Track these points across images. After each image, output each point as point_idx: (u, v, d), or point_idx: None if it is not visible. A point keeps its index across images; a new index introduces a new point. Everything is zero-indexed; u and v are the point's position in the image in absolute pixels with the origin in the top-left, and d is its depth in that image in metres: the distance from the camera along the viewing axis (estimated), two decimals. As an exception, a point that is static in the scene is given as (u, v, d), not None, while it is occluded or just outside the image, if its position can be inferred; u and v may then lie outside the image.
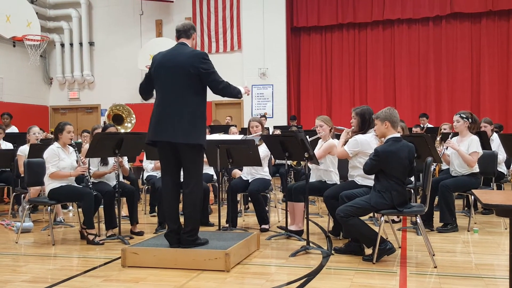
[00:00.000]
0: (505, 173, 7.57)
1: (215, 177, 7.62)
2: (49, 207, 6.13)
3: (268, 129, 9.61)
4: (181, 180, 4.90)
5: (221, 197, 7.63)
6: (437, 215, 6.33)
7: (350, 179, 5.58)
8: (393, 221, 6.50)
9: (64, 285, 4.23)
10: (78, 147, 6.21)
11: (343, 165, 5.91)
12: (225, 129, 9.67)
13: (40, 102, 16.25)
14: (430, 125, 12.30)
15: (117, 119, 11.11)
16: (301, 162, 6.70)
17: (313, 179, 5.99)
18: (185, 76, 4.65)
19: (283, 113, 14.98)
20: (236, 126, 10.26)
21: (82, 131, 9.56)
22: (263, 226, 6.37)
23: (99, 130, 7.03)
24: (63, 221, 7.12)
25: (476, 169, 6.22)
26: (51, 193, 5.82)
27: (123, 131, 10.41)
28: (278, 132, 9.04)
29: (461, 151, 6.15)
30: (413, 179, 6.40)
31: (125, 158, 6.69)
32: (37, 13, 12.96)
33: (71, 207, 8.32)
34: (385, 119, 4.84)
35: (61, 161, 5.86)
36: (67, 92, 16.55)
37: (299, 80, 15.71)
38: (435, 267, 4.52)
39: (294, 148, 5.28)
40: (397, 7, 14.57)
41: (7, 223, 7.06)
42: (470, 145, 6.17)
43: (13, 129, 10.69)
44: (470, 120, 6.34)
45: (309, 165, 5.81)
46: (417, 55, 14.80)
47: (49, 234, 6.03)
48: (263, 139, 6.10)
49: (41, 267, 4.84)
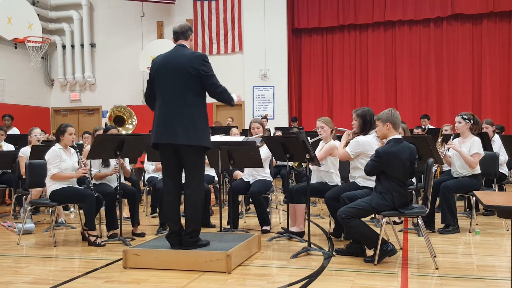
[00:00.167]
0: (507, 174, 7.57)
1: (216, 178, 7.62)
2: (51, 209, 6.13)
3: (269, 130, 9.60)
4: (183, 181, 4.90)
5: (222, 198, 7.63)
6: (438, 216, 6.33)
7: (351, 180, 5.58)
8: (395, 223, 6.49)
9: (65, 286, 4.24)
10: (79, 148, 6.22)
11: (344, 167, 5.90)
12: (226, 130, 9.67)
13: (41, 103, 16.26)
14: (431, 126, 12.29)
15: (119, 120, 11.11)
16: (302, 163, 6.70)
17: (314, 180, 5.98)
18: (185, 77, 4.66)
19: (284, 115, 14.97)
20: (237, 127, 10.28)
21: (83, 133, 9.59)
22: (264, 227, 6.37)
23: (101, 131, 7.03)
24: (64, 222, 7.13)
25: (477, 170, 6.21)
26: (52, 194, 5.83)
27: (124, 132, 10.42)
28: (279, 133, 9.03)
29: (462, 153, 6.14)
30: (414, 180, 6.39)
31: (127, 159, 6.70)
32: (38, 15, 13.01)
33: (72, 209, 8.32)
34: (386, 120, 4.84)
35: (63, 163, 5.87)
36: (69, 93, 16.56)
37: (300, 81, 15.70)
38: (437, 269, 4.52)
39: (295, 149, 5.28)
40: (398, 9, 14.55)
41: (8, 225, 7.06)
42: (471, 146, 6.17)
43: (14, 130, 10.70)
44: (471, 121, 6.34)
45: (310, 166, 5.81)
46: (418, 57, 14.78)
47: (51, 235, 6.03)
48: (264, 140, 6.09)
49: (43, 269, 4.84)
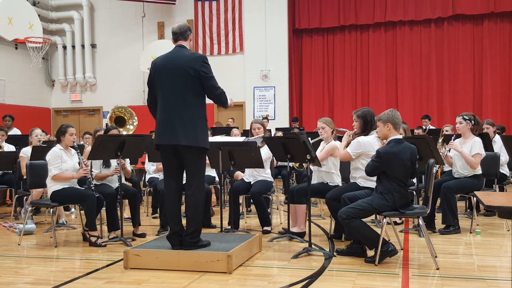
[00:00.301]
0: (508, 175, 7.56)
1: (217, 179, 7.62)
2: (52, 209, 6.14)
3: (270, 131, 9.61)
4: (183, 182, 4.91)
5: (223, 199, 7.65)
6: (439, 216, 6.33)
7: (352, 181, 5.58)
8: (395, 223, 6.49)
9: (66, 287, 4.24)
10: (80, 149, 6.22)
11: (345, 167, 5.90)
12: (227, 131, 9.67)
13: (42, 104, 16.27)
14: (432, 127, 12.28)
15: (119, 121, 11.11)
16: (303, 164, 6.70)
17: (315, 181, 5.98)
18: (185, 78, 4.66)
19: (285, 115, 14.97)
20: (238, 128, 10.28)
21: (84, 133, 9.59)
22: (265, 228, 6.36)
23: (101, 132, 7.04)
24: (65, 223, 7.13)
25: (478, 170, 6.21)
26: (53, 195, 5.83)
27: (125, 133, 10.43)
28: (280, 134, 9.03)
29: (463, 153, 6.14)
30: (415, 180, 6.39)
31: (127, 160, 6.70)
32: (39, 16, 13.00)
33: (73, 209, 8.33)
34: (387, 121, 4.84)
35: (64, 163, 5.87)
36: (69, 94, 16.57)
37: (301, 82, 15.70)
38: (437, 269, 4.52)
39: (296, 150, 5.28)
40: (399, 9, 14.55)
41: (9, 225, 7.07)
42: (472, 146, 6.17)
43: (15, 131, 10.70)
44: (472, 122, 6.35)
45: (311, 167, 5.81)
46: (419, 57, 14.78)
47: (52, 236, 6.03)
48: (265, 141, 6.09)
49: (44, 269, 4.84)
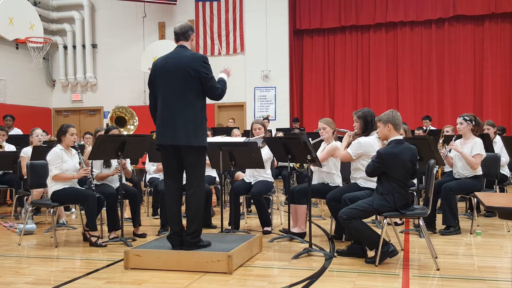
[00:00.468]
0: (508, 176, 7.56)
1: (218, 179, 7.62)
2: (52, 209, 6.15)
3: (270, 131, 9.61)
4: (184, 182, 4.91)
5: (223, 199, 7.65)
6: (439, 217, 6.34)
7: (352, 181, 5.58)
8: (396, 224, 6.49)
9: (66, 287, 4.24)
10: (81, 149, 6.22)
11: (346, 168, 5.91)
12: (228, 131, 9.68)
13: (43, 104, 16.27)
14: (432, 128, 12.28)
15: (120, 121, 11.11)
16: (304, 164, 6.70)
17: (315, 181, 5.98)
18: (185, 78, 4.66)
19: (285, 116, 14.97)
20: (238, 128, 10.28)
21: (84, 133, 9.59)
22: (266, 228, 6.36)
23: (102, 132, 7.04)
24: (65, 223, 7.13)
25: (479, 171, 6.21)
26: (54, 195, 5.83)
27: (125, 133, 10.43)
28: (280, 134, 9.04)
29: (464, 153, 6.14)
30: (415, 181, 6.39)
31: (128, 160, 6.71)
32: (40, 16, 13.00)
33: (73, 209, 8.33)
34: (387, 122, 4.84)
35: (64, 163, 5.87)
36: (70, 94, 16.57)
37: (301, 82, 15.70)
38: (438, 270, 4.52)
39: (296, 150, 5.28)
40: (400, 10, 14.55)
41: (10, 225, 7.07)
42: (473, 147, 6.17)
43: (15, 131, 10.71)
44: (473, 122, 6.35)
45: (312, 167, 5.81)
46: (420, 58, 14.77)
47: (52, 236, 6.04)
48: (265, 141, 6.10)
49: (44, 269, 4.84)
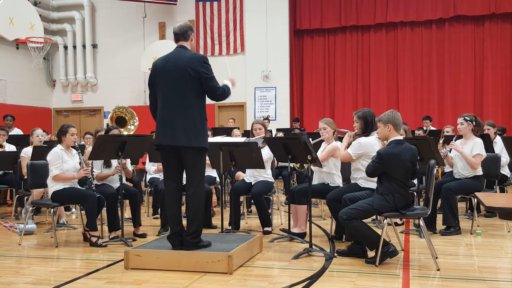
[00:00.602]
0: (508, 176, 7.56)
1: (218, 179, 7.62)
2: (52, 209, 6.15)
3: (271, 131, 9.61)
4: (184, 182, 4.90)
5: (223, 199, 7.65)
6: (440, 217, 6.33)
7: (353, 181, 5.58)
8: (396, 224, 6.49)
9: (67, 287, 4.24)
10: (81, 149, 6.22)
11: (346, 168, 5.91)
12: (228, 131, 9.68)
13: (43, 104, 16.28)
14: (433, 128, 12.27)
15: (120, 121, 11.12)
16: (304, 164, 6.69)
17: (315, 181, 5.98)
18: (185, 79, 4.66)
19: (286, 116, 14.97)
20: (239, 128, 10.28)
21: (84, 133, 9.60)
22: (266, 228, 6.36)
23: (102, 132, 7.04)
24: (66, 223, 7.13)
25: (479, 171, 6.21)
26: (54, 195, 5.83)
27: (126, 133, 10.43)
28: (281, 134, 9.03)
29: (464, 153, 6.14)
30: (416, 181, 6.39)
31: (128, 160, 6.71)
32: (40, 16, 13.00)
33: (74, 209, 8.33)
34: (387, 122, 4.83)
35: (65, 164, 5.87)
36: (70, 94, 16.57)
37: (302, 82, 15.70)
38: (438, 270, 4.52)
39: (297, 150, 5.28)
40: (400, 10, 14.55)
41: (10, 225, 7.07)
42: (473, 147, 6.17)
43: (16, 131, 10.71)
44: (474, 123, 6.35)
45: (312, 167, 5.81)
46: (420, 58, 14.77)
47: (52, 236, 6.04)
48: (266, 141, 6.10)
49: (44, 269, 4.84)
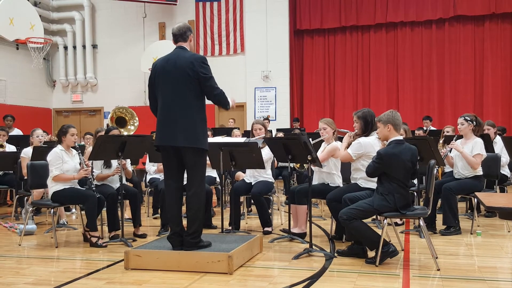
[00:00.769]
0: (508, 176, 7.56)
1: (218, 179, 7.62)
2: (52, 210, 6.15)
3: (271, 131, 9.61)
4: (184, 183, 4.91)
5: (224, 199, 7.65)
6: (440, 217, 6.33)
7: (353, 181, 5.58)
8: (396, 224, 6.49)
9: (67, 287, 4.24)
10: (81, 149, 6.22)
11: (346, 168, 5.91)
12: (228, 131, 9.68)
13: (43, 104, 16.27)
14: (433, 128, 12.27)
15: (120, 121, 11.12)
16: (304, 164, 6.69)
17: (316, 181, 5.98)
18: (185, 80, 4.67)
19: (286, 116, 14.97)
20: (239, 128, 10.28)
21: (84, 134, 9.60)
22: (266, 228, 6.36)
23: (102, 132, 7.04)
24: (66, 223, 7.13)
25: (479, 171, 6.21)
26: (54, 195, 5.83)
27: (126, 133, 10.43)
28: (281, 134, 9.03)
29: (464, 153, 6.14)
30: (416, 181, 6.39)
31: (128, 160, 6.71)
32: (40, 16, 13.01)
33: (74, 210, 8.33)
34: (387, 122, 4.83)
35: (65, 164, 5.87)
36: (70, 94, 16.57)
37: (302, 82, 15.69)
38: (438, 270, 4.52)
39: (297, 150, 5.28)
40: (400, 10, 14.54)
41: (10, 226, 7.07)
42: (473, 147, 6.17)
43: (16, 131, 10.71)
44: (474, 123, 6.35)
45: (312, 167, 5.81)
46: (420, 58, 14.76)
47: (52, 236, 6.04)
48: (266, 141, 6.10)
49: (44, 270, 4.84)
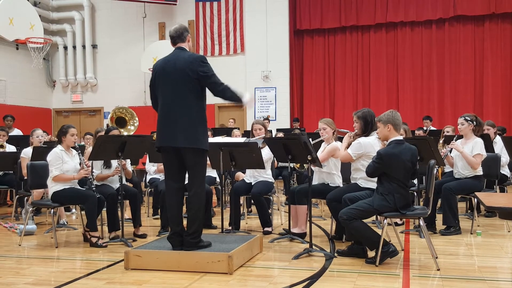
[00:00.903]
0: (508, 176, 7.56)
1: (218, 179, 7.62)
2: (52, 210, 6.15)
3: (271, 131, 9.61)
4: (185, 183, 4.91)
5: (224, 199, 7.64)
6: (440, 217, 6.34)
7: (352, 181, 5.58)
8: (396, 224, 6.49)
9: (67, 287, 4.24)
10: (81, 150, 6.22)
11: (346, 168, 5.91)
12: (228, 131, 9.68)
13: (43, 104, 16.27)
14: (433, 128, 12.27)
15: (120, 121, 11.12)
16: (304, 164, 6.70)
17: (316, 181, 5.98)
18: (185, 80, 4.67)
19: (286, 116, 14.97)
20: (239, 128, 10.28)
21: (84, 134, 9.60)
22: (266, 228, 6.36)
23: (102, 133, 7.04)
24: (66, 223, 7.13)
25: (479, 171, 6.21)
26: (54, 195, 5.83)
27: (126, 133, 10.43)
28: (281, 134, 9.03)
29: (464, 153, 6.14)
30: (416, 181, 6.39)
31: (128, 160, 6.71)
32: (40, 16, 13.00)
33: (74, 210, 8.33)
34: (387, 122, 4.83)
35: (65, 164, 5.87)
36: (70, 94, 16.57)
37: (302, 82, 15.69)
38: (438, 270, 4.52)
39: (297, 150, 5.28)
40: (400, 10, 14.54)
41: (10, 226, 7.07)
42: (474, 147, 6.17)
43: (16, 131, 10.71)
44: (474, 123, 6.35)
45: (312, 167, 5.81)
46: (420, 58, 14.76)
47: (52, 236, 6.04)
48: (266, 141, 6.10)
49: (44, 270, 4.84)
